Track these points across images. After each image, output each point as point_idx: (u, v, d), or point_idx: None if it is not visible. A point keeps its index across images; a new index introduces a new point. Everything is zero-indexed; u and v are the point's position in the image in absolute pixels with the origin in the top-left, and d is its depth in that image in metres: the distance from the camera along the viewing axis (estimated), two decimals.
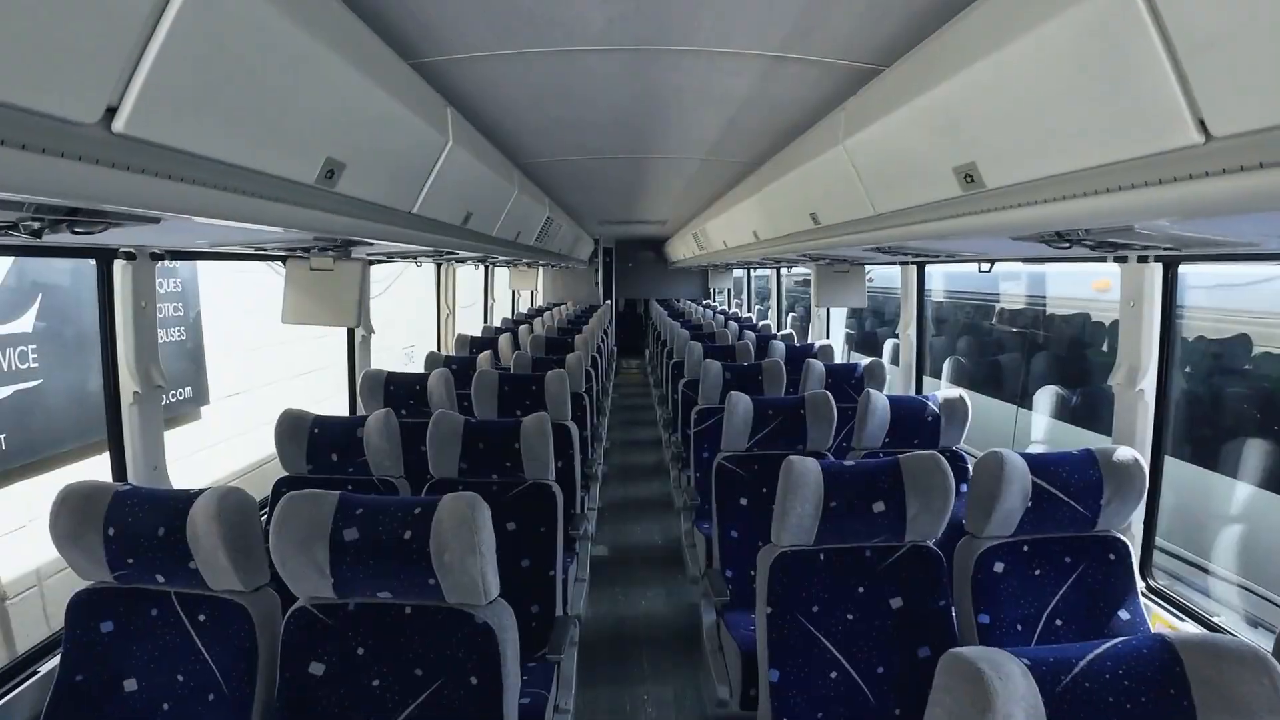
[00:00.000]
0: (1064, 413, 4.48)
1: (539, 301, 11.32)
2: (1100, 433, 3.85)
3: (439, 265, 5.73)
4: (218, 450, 4.64)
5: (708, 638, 2.63)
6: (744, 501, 2.77)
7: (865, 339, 7.82)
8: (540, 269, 9.30)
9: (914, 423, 2.86)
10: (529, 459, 2.51)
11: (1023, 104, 1.26)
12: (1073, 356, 4.73)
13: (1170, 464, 2.32)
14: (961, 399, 2.89)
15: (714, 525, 2.77)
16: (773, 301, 7.45)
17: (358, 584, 1.51)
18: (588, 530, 3.52)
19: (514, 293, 9.67)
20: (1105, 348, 4.44)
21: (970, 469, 2.89)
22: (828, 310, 5.50)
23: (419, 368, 4.47)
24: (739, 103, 2.34)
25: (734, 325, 6.78)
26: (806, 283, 10.91)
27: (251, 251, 2.50)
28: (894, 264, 4.01)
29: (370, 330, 3.92)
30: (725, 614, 2.49)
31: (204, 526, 1.56)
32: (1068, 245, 1.54)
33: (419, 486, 2.62)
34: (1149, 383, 2.16)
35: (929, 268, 3.87)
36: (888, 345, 6.45)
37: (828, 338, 5.47)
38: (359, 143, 1.60)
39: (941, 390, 3.00)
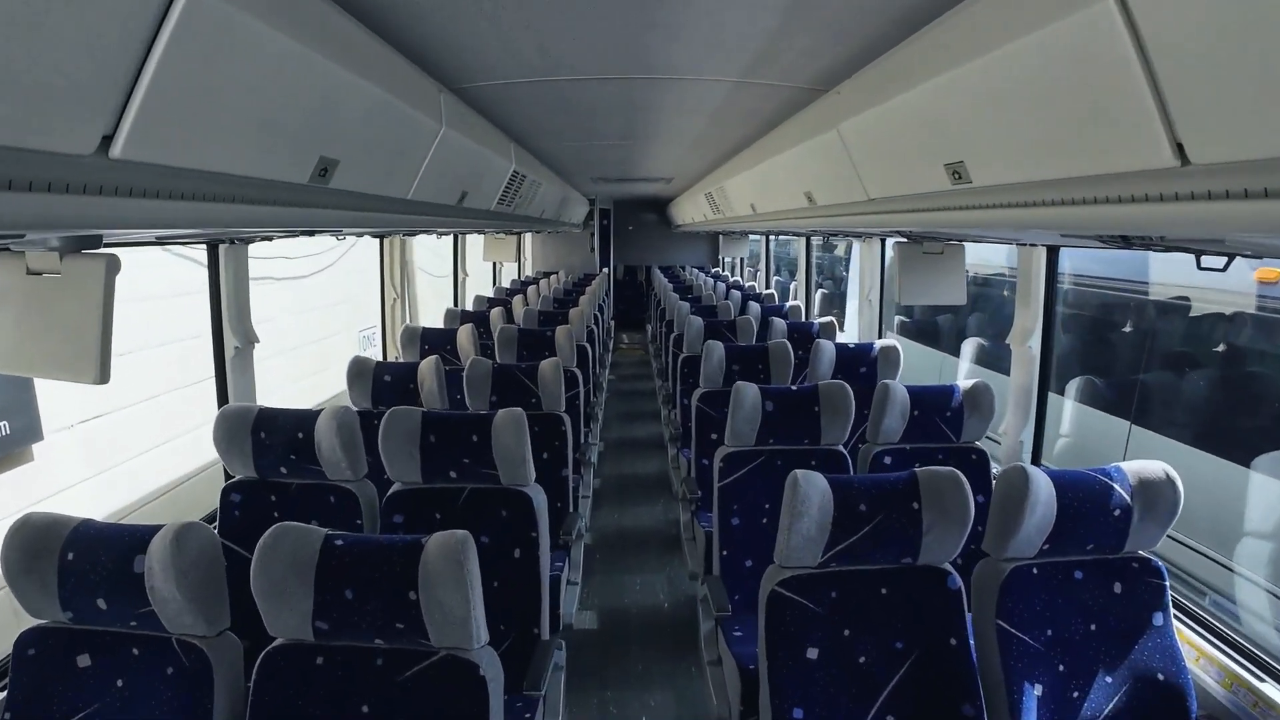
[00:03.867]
0: None
1: (527, 271, 10.00)
2: None
3: (381, 238, 4.49)
4: (54, 505, 3.46)
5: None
6: None
7: (921, 330, 6.28)
8: (522, 236, 7.99)
9: (1093, 516, 1.74)
10: (429, 602, 1.41)
11: None
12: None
13: None
14: (1169, 480, 1.76)
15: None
16: (801, 278, 6.10)
17: None
18: None
19: (495, 263, 8.31)
20: None
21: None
22: (880, 294, 4.24)
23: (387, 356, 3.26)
24: None
25: (755, 306, 5.56)
26: (830, 248, 9.54)
27: None
28: (1003, 243, 2.79)
29: (252, 339, 2.70)
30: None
31: None
32: None
33: (258, 645, 1.51)
34: None
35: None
36: (966, 347, 5.02)
37: (881, 334, 4.22)
38: None
39: (1131, 461, 1.82)
